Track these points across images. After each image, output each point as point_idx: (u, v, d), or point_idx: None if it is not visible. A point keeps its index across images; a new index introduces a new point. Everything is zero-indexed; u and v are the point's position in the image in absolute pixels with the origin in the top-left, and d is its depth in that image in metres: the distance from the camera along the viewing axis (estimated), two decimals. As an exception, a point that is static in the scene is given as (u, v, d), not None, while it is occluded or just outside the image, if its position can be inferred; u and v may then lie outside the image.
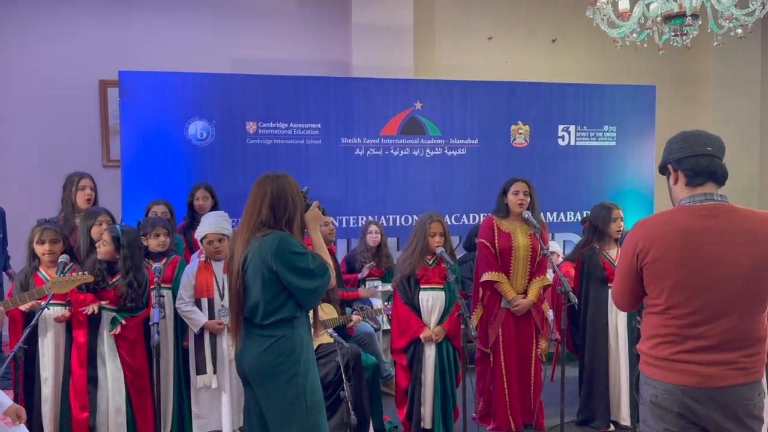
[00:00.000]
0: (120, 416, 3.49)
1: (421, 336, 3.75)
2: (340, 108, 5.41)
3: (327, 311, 4.10)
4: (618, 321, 4.04)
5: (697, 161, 2.06)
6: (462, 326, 3.39)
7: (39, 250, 3.43)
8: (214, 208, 4.55)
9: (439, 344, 3.78)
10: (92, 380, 3.46)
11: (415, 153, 5.58)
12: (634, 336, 3.90)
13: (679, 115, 7.17)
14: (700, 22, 4.80)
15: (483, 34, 6.78)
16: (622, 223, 4.08)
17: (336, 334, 3.72)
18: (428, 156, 5.60)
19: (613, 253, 4.08)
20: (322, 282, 2.52)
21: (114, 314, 3.48)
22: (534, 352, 4.05)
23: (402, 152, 5.55)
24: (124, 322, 3.47)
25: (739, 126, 7.00)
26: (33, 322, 3.11)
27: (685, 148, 2.10)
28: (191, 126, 5.13)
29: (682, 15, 4.48)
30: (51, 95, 6.03)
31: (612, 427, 4.06)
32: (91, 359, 3.47)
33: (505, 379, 3.99)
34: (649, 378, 2.08)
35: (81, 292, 3.42)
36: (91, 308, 3.40)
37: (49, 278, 3.37)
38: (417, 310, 3.80)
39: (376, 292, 4.60)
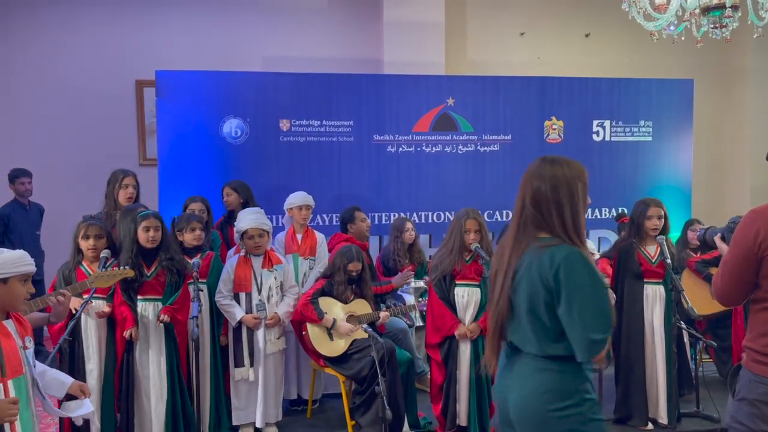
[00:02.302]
0: (160, 405, 3.56)
1: (456, 333, 3.73)
2: (372, 105, 5.42)
3: (361, 307, 4.12)
4: (654, 317, 3.98)
5: None
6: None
7: (84, 245, 3.51)
8: (245, 204, 4.57)
9: (475, 341, 3.75)
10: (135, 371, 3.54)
11: (447, 149, 5.56)
12: (673, 333, 3.84)
13: (717, 109, 7.02)
14: (739, 14, 4.70)
15: (515, 30, 6.73)
16: (659, 222, 3.99)
17: (371, 330, 3.74)
18: (460, 152, 5.58)
19: (651, 249, 4.02)
20: (605, 336, 1.88)
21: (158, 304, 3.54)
22: (572, 348, 4.00)
23: (434, 149, 5.53)
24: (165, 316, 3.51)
25: (779, 120, 6.84)
26: (77, 315, 3.19)
27: None
28: (226, 124, 5.20)
29: (721, 6, 4.38)
30: (89, 96, 6.17)
31: (650, 426, 3.99)
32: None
33: (542, 376, 3.95)
34: (761, 376, 2.03)
35: (125, 299, 3.48)
36: (129, 332, 3.48)
37: (91, 273, 3.45)
38: (452, 306, 3.79)
39: (410, 275, 4.56)
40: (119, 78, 6.19)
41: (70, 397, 2.49)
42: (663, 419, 3.97)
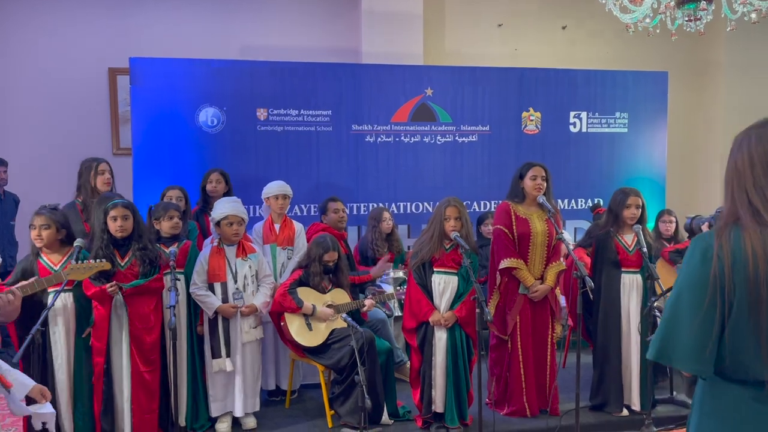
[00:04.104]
0: (127, 396, 3.52)
1: (430, 319, 3.74)
2: (351, 95, 5.39)
3: (339, 296, 4.11)
4: (631, 305, 4.03)
5: None
6: (477, 310, 3.37)
7: (31, 234, 3.43)
8: (228, 193, 4.56)
9: (452, 329, 3.76)
10: (108, 360, 3.49)
11: (426, 140, 5.56)
12: (649, 321, 3.90)
13: (691, 102, 7.12)
14: (713, 7, 4.77)
15: (492, 22, 6.73)
16: (636, 211, 4.03)
17: (350, 319, 3.73)
18: (439, 143, 5.58)
19: (628, 238, 4.06)
20: None
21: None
22: (550, 337, 4.05)
23: (413, 139, 5.53)
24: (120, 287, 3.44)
25: (751, 114, 6.93)
26: (49, 306, 3.12)
27: None
28: (202, 113, 5.13)
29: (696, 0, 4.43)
30: (60, 84, 6.02)
31: (625, 412, 4.05)
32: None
33: (521, 365, 3.99)
34: None
35: (96, 284, 3.41)
36: (112, 287, 3.40)
37: (51, 264, 3.40)
38: (429, 292, 3.80)
39: (388, 266, 4.58)
40: (91, 66, 6.05)
41: (30, 401, 2.44)
42: (637, 405, 4.03)
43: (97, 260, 3.29)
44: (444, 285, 3.79)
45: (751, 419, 1.49)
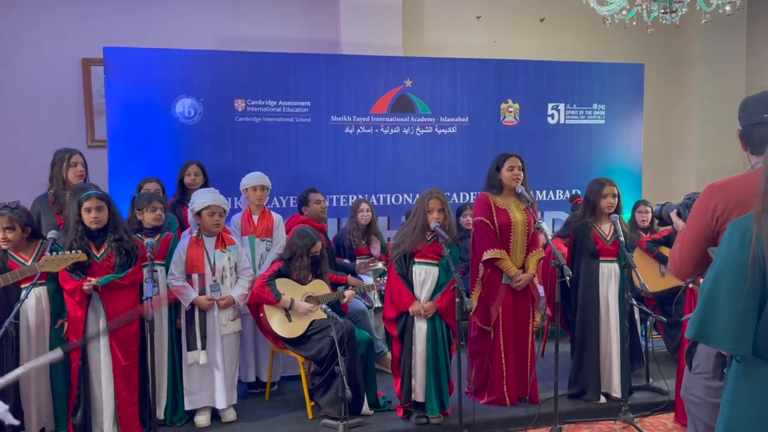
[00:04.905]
0: (110, 387, 3.47)
1: (410, 309, 3.74)
2: (330, 86, 5.36)
3: (319, 287, 4.09)
4: (609, 294, 4.08)
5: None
6: (457, 299, 3.38)
7: None
8: (205, 185, 4.51)
9: (432, 319, 3.77)
10: (84, 355, 3.43)
11: (405, 131, 5.55)
12: (626, 309, 3.95)
13: (666, 94, 7.20)
14: (689, 0, 4.82)
15: (471, 14, 6.73)
16: (613, 200, 4.09)
17: (330, 310, 3.72)
18: (418, 134, 5.58)
19: (605, 228, 4.11)
20: None
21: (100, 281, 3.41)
22: (531, 326, 4.08)
23: (392, 131, 5.52)
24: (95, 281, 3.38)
25: (725, 105, 7.04)
26: (23, 298, 3.07)
27: (743, 117, 2.13)
28: (179, 104, 5.06)
29: (671, -8, 4.48)
30: (32, 75, 5.88)
31: (603, 399, 4.10)
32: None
33: (503, 355, 4.02)
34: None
35: (74, 277, 3.35)
36: (90, 285, 3.34)
37: (22, 260, 3.36)
38: (410, 283, 3.80)
39: (369, 264, 4.59)
40: (64, 56, 5.91)
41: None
42: (616, 393, 4.08)
43: (72, 252, 3.24)
44: (425, 275, 3.79)
45: None
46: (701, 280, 1.73)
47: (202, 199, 3.83)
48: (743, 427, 1.59)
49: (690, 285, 3.61)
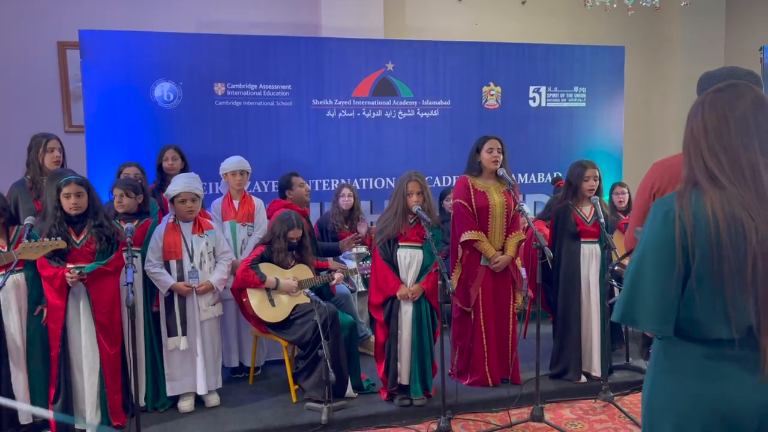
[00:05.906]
0: (93, 376, 3.45)
1: (398, 294, 3.76)
2: (311, 69, 5.31)
3: (302, 272, 4.09)
4: (591, 275, 4.12)
5: None
6: (440, 282, 3.40)
7: None
8: (185, 169, 4.46)
9: (417, 302, 3.79)
10: (64, 343, 3.39)
11: (388, 115, 5.53)
12: (606, 290, 3.99)
13: (646, 76, 7.24)
14: (669, -18, 4.84)
15: (453, -4, 6.70)
16: (595, 183, 4.12)
17: (312, 294, 3.72)
18: (401, 118, 5.56)
19: (587, 210, 4.14)
20: None
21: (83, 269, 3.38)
22: (511, 308, 4.12)
23: (374, 114, 5.49)
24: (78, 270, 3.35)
25: (704, 88, 7.13)
26: (0, 285, 3.02)
27: (700, 90, 2.16)
28: (157, 88, 4.99)
29: (652, -27, 4.49)
30: (6, 59, 5.77)
31: (584, 378, 4.16)
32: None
33: (484, 336, 4.06)
34: None
35: (52, 264, 3.31)
36: (74, 275, 3.31)
37: None
38: (395, 267, 3.81)
39: (353, 242, 4.58)
40: (39, 39, 5.80)
41: None
42: (596, 372, 4.14)
43: (51, 239, 3.19)
44: (410, 259, 3.81)
45: (703, 376, 1.54)
46: (625, 262, 1.73)
47: (174, 186, 3.80)
48: (661, 401, 1.61)
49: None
